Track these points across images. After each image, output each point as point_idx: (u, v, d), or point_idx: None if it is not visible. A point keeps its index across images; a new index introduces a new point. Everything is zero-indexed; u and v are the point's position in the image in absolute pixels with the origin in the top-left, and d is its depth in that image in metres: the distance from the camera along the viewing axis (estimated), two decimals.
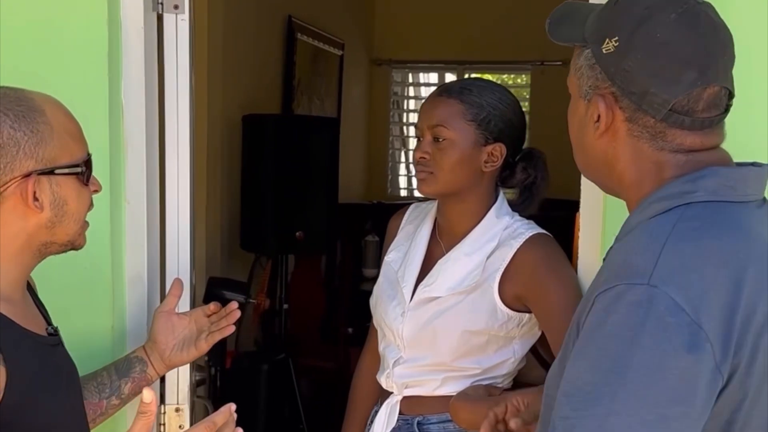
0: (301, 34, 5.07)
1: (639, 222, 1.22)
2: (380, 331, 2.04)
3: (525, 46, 6.43)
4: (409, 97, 7.13)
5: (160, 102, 1.94)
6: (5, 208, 1.35)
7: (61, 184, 1.39)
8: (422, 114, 1.95)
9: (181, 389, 2.01)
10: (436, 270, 1.94)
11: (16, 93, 1.38)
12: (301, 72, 5.10)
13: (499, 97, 1.93)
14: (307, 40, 5.18)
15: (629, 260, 1.16)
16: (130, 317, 1.92)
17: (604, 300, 1.13)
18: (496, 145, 1.90)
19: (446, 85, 1.98)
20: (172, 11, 1.93)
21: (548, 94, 6.52)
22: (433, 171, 1.89)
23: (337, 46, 5.77)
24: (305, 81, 5.20)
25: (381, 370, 2.03)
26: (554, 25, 1.37)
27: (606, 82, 1.25)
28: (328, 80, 5.68)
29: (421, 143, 1.92)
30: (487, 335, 1.89)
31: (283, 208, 3.89)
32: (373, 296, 2.07)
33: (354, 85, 6.30)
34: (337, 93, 5.87)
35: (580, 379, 1.11)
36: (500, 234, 1.91)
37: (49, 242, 1.42)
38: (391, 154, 7.00)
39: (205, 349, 1.82)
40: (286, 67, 4.97)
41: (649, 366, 1.07)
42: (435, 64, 6.86)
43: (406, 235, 2.07)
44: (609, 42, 1.24)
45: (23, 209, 1.36)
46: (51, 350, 1.45)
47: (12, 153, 1.33)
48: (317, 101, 5.46)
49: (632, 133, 1.26)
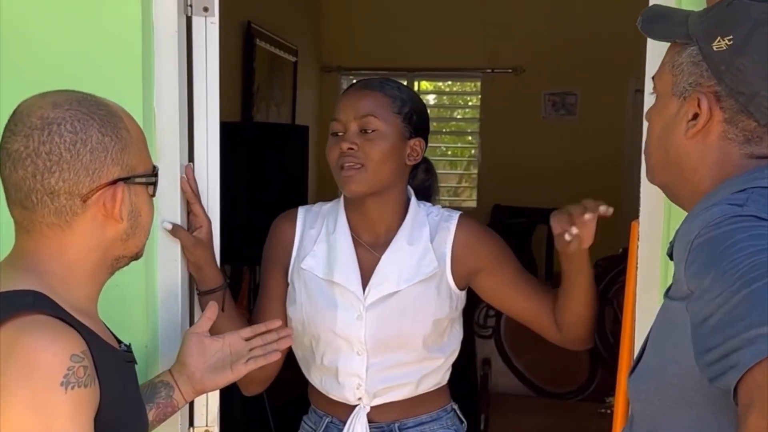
0: (259, 40, 4.99)
1: (705, 208, 1.18)
2: (320, 345, 1.91)
3: (475, 54, 6.49)
4: None
5: (189, 107, 1.86)
6: (86, 218, 1.28)
7: (137, 194, 1.33)
8: (345, 106, 1.88)
9: (210, 410, 1.92)
10: (382, 266, 1.88)
11: (94, 98, 1.31)
12: (259, 78, 5.02)
13: (413, 93, 1.97)
14: (265, 46, 5.10)
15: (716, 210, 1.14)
16: (162, 336, 1.83)
17: (703, 233, 1.11)
18: (417, 140, 1.90)
19: (365, 81, 1.95)
20: (201, 14, 1.85)
21: (498, 102, 6.61)
22: (363, 163, 1.82)
23: (291, 53, 5.70)
24: (263, 87, 5.11)
25: (333, 385, 1.92)
26: (649, 23, 1.35)
27: (711, 80, 1.23)
28: (283, 87, 5.61)
29: (345, 136, 1.85)
30: (447, 320, 1.92)
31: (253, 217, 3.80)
32: (300, 308, 1.91)
33: (306, 91, 6.23)
34: (292, 100, 5.79)
35: (726, 286, 1.03)
36: (426, 220, 1.92)
37: (121, 256, 1.36)
38: None
39: (242, 372, 1.72)
40: (245, 73, 4.88)
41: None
42: (384, 72, 6.82)
43: (311, 240, 1.94)
44: (722, 40, 1.22)
45: (103, 220, 1.29)
46: (129, 367, 1.40)
47: (101, 159, 1.26)
48: (274, 108, 5.38)
49: (726, 136, 1.24)
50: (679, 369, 1.15)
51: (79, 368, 1.16)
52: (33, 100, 1.28)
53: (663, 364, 1.20)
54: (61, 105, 1.26)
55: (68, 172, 1.24)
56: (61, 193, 1.25)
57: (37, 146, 1.23)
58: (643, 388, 1.24)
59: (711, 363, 1.03)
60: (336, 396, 1.93)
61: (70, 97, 1.28)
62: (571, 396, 4.06)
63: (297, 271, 1.93)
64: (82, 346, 1.19)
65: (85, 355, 1.18)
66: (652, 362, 1.24)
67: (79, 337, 1.20)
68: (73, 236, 1.28)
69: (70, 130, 1.24)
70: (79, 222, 1.27)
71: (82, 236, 1.29)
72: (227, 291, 1.90)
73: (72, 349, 1.17)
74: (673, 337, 1.17)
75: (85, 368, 1.17)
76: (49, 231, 1.27)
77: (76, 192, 1.25)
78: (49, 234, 1.28)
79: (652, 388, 1.21)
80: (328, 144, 1.90)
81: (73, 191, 1.25)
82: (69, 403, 1.15)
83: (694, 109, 1.25)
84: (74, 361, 1.16)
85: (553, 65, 6.32)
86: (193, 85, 1.86)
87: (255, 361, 1.72)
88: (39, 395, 1.13)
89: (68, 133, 1.24)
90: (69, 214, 1.26)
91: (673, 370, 1.16)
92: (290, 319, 1.93)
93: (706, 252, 1.10)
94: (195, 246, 1.84)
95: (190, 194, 1.85)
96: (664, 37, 1.33)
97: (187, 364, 1.67)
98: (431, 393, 1.95)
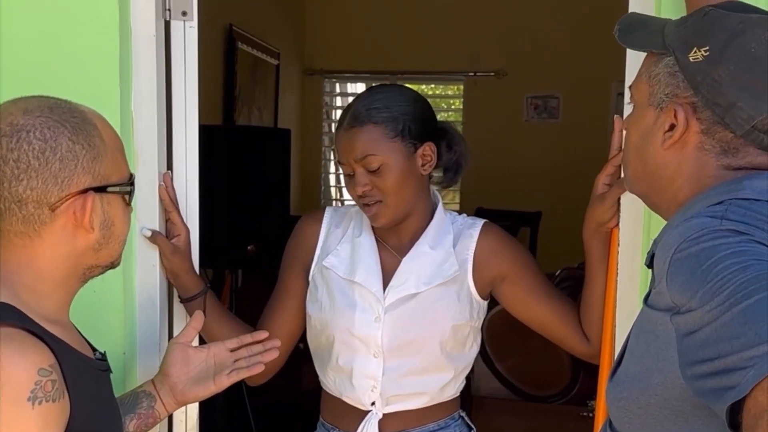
0: (241, 43, 4.97)
1: (684, 219, 1.18)
2: (337, 345, 1.89)
3: (457, 57, 6.49)
4: (337, 107, 7.06)
5: (167, 111, 1.85)
6: (56, 227, 1.26)
7: (110, 203, 1.30)
8: (342, 150, 1.85)
9: (189, 417, 1.91)
10: (403, 269, 1.88)
11: (68, 104, 1.28)
12: (241, 81, 5.00)
13: (403, 99, 1.87)
14: (246, 49, 5.08)
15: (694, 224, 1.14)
16: (140, 342, 1.81)
17: (683, 248, 1.12)
18: (425, 146, 1.86)
19: (352, 113, 1.84)
20: (180, 18, 1.84)
21: (481, 105, 6.61)
22: (381, 199, 1.83)
23: (273, 56, 5.68)
24: (245, 91, 5.09)
25: (347, 386, 1.91)
26: (625, 32, 1.35)
27: (687, 91, 1.23)
28: (265, 90, 5.59)
29: (354, 179, 1.84)
30: (468, 327, 1.90)
31: (235, 220, 3.79)
32: (319, 306, 1.91)
33: (289, 95, 6.21)
34: (274, 103, 5.77)
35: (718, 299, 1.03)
36: (451, 227, 1.91)
37: (94, 265, 1.33)
38: (323, 164, 6.93)
39: (225, 384, 1.69)
40: (226, 76, 4.86)
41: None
42: (367, 75, 6.82)
43: (336, 239, 1.95)
44: (698, 51, 1.22)
45: (73, 229, 1.27)
46: (103, 376, 1.37)
47: (71, 167, 1.23)
48: (256, 111, 5.36)
49: (703, 147, 1.24)
50: (663, 378, 1.14)
51: (47, 382, 1.14)
52: (4, 105, 1.26)
53: (643, 372, 1.19)
54: (32, 112, 1.23)
55: (36, 181, 1.22)
56: (29, 202, 1.22)
57: (5, 153, 1.21)
58: (622, 395, 1.24)
59: (700, 377, 1.03)
60: (349, 398, 1.90)
61: (42, 103, 1.26)
62: (554, 399, 4.06)
63: (319, 269, 1.93)
64: (51, 359, 1.17)
65: (53, 369, 1.16)
66: (632, 370, 1.23)
67: (47, 349, 1.18)
68: (42, 245, 1.26)
69: (39, 137, 1.22)
70: (48, 231, 1.25)
71: (52, 245, 1.26)
72: (209, 294, 1.89)
73: (39, 363, 1.15)
74: (655, 345, 1.16)
75: (53, 382, 1.15)
76: (18, 240, 1.25)
77: (45, 201, 1.23)
78: (18, 243, 1.26)
79: (633, 396, 1.20)
80: (345, 182, 1.90)
81: (42, 200, 1.23)
82: (37, 418, 1.13)
83: (671, 119, 1.25)
84: (42, 375, 1.14)
85: (535, 68, 6.33)
86: (172, 90, 1.85)
87: (238, 373, 1.70)
88: (5, 411, 1.11)
89: (37, 140, 1.21)
90: (37, 222, 1.24)
91: (657, 379, 1.15)
92: (310, 317, 1.93)
93: (687, 268, 1.10)
94: (173, 254, 1.83)
95: (168, 202, 1.84)
96: (641, 47, 1.33)
97: (170, 374, 1.65)
98: (443, 402, 1.94)
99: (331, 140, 6.98)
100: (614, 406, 1.26)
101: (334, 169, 6.99)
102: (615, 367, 1.30)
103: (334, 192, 7.11)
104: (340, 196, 7.09)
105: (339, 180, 7.07)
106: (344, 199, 7.06)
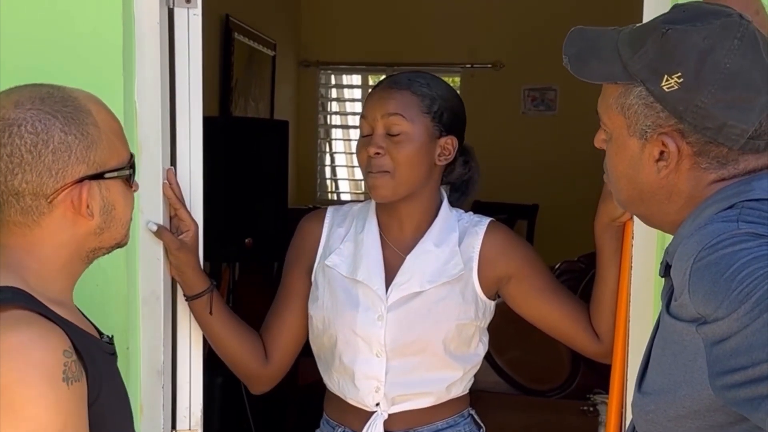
0: (238, 34, 4.93)
1: (698, 226, 1.16)
2: (339, 344, 1.86)
3: (454, 49, 6.45)
4: (332, 99, 7.02)
5: (171, 102, 1.81)
6: (55, 217, 1.26)
7: (110, 189, 1.30)
8: (373, 105, 1.83)
9: (193, 413, 1.88)
10: (407, 267, 1.84)
11: (61, 92, 1.27)
12: (238, 73, 4.96)
13: (447, 89, 1.90)
14: (243, 40, 5.04)
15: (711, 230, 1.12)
16: (144, 336, 1.78)
17: (702, 256, 1.09)
18: (449, 138, 1.84)
19: (393, 78, 1.88)
20: (183, 5, 1.81)
21: (478, 97, 6.57)
22: (389, 170, 1.79)
23: (269, 47, 5.64)
24: (242, 82, 5.06)
25: (350, 388, 1.86)
26: (578, 63, 1.27)
27: (671, 119, 1.18)
28: (261, 81, 5.55)
29: (371, 138, 1.81)
30: (474, 327, 1.87)
31: (232, 213, 3.75)
32: (321, 306, 1.87)
33: (285, 86, 6.17)
34: (270, 94, 5.73)
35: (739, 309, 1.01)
36: (457, 225, 1.87)
37: (97, 248, 1.34)
38: (319, 157, 6.89)
39: None
40: (223, 67, 4.82)
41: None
42: (363, 66, 6.78)
43: (338, 238, 1.91)
44: (670, 78, 1.16)
45: (73, 217, 1.27)
46: (112, 359, 1.37)
47: (64, 158, 1.24)
48: (252, 103, 5.33)
49: (699, 166, 1.20)
50: (691, 390, 1.11)
51: (72, 363, 1.17)
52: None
53: (671, 384, 1.15)
54: (23, 104, 1.24)
55: (31, 174, 1.23)
56: (25, 194, 1.24)
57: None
58: (650, 408, 1.20)
59: (732, 386, 1.00)
60: (353, 400, 1.87)
61: (34, 94, 1.26)
62: (553, 393, 4.04)
63: (321, 268, 1.90)
64: (68, 341, 1.19)
65: (72, 350, 1.19)
66: (658, 382, 1.19)
67: (62, 332, 1.20)
68: (43, 234, 1.27)
69: (30, 131, 1.22)
70: (47, 221, 1.26)
71: (52, 233, 1.27)
72: (215, 293, 1.86)
73: (62, 345, 1.17)
74: (682, 357, 1.13)
75: (75, 362, 1.18)
76: (18, 230, 1.27)
77: (41, 193, 1.24)
78: (18, 232, 1.27)
79: (662, 409, 1.17)
80: (358, 144, 1.87)
81: (38, 192, 1.24)
82: (73, 397, 1.16)
83: (660, 148, 1.20)
84: (66, 356, 1.17)
85: (532, 60, 6.29)
86: (176, 78, 1.82)
87: None
88: (47, 395, 1.14)
89: (29, 134, 1.22)
90: (36, 213, 1.26)
91: (684, 391, 1.12)
92: (311, 317, 1.89)
93: (709, 277, 1.07)
94: (179, 249, 1.80)
95: (173, 199, 1.81)
96: (603, 79, 1.25)
97: None
98: (451, 400, 1.90)
99: (326, 133, 6.94)
100: (642, 419, 1.22)
101: (329, 161, 6.95)
102: (640, 378, 1.26)
103: (330, 184, 7.06)
104: (336, 189, 7.05)
105: (335, 173, 7.03)
106: (340, 192, 7.03)
